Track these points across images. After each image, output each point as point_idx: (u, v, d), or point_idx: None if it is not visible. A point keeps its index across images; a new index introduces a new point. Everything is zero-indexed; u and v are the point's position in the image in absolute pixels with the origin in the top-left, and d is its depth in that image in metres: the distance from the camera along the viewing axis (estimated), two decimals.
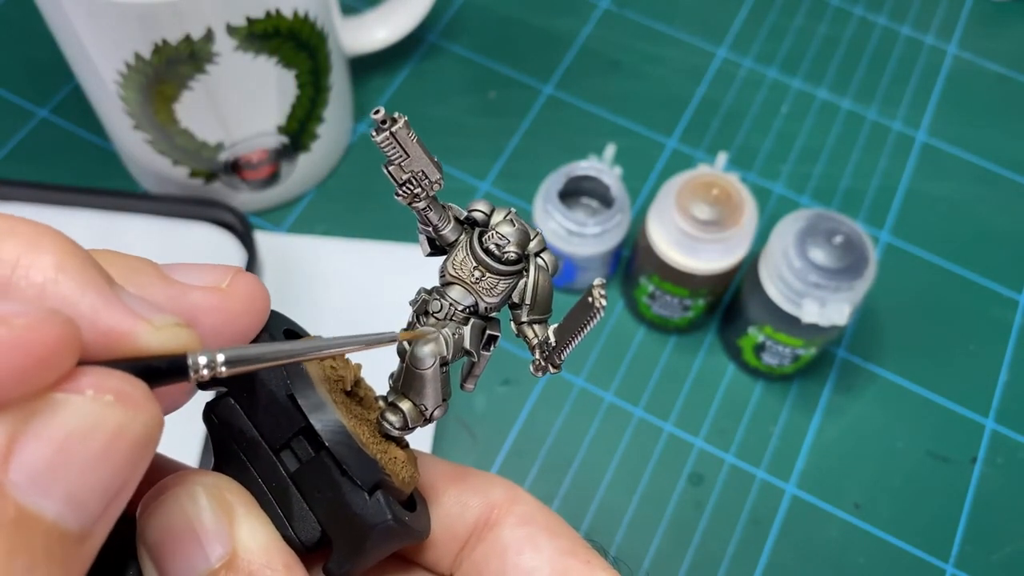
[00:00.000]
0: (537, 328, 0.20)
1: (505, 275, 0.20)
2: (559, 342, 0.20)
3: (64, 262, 0.15)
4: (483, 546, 0.22)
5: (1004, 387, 0.51)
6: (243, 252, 0.49)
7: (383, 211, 0.53)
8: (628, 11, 0.63)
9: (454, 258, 0.20)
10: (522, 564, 0.21)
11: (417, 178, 0.19)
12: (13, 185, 0.49)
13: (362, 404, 0.21)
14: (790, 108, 0.60)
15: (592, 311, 0.18)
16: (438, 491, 0.22)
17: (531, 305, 0.20)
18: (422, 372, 0.20)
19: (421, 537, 0.21)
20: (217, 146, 0.47)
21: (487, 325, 0.21)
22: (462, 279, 0.20)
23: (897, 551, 0.46)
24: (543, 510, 0.22)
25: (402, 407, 0.20)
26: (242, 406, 0.19)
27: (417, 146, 0.19)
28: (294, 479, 0.19)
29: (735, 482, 0.47)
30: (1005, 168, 0.58)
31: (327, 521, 0.19)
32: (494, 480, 0.23)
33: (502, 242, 0.20)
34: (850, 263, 0.43)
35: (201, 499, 0.18)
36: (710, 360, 0.51)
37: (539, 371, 0.20)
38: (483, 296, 0.20)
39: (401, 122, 0.18)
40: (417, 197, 0.19)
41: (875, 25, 0.64)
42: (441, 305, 0.20)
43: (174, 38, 0.40)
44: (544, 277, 0.20)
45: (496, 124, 0.57)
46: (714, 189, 0.45)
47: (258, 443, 0.19)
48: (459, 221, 0.21)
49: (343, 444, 0.19)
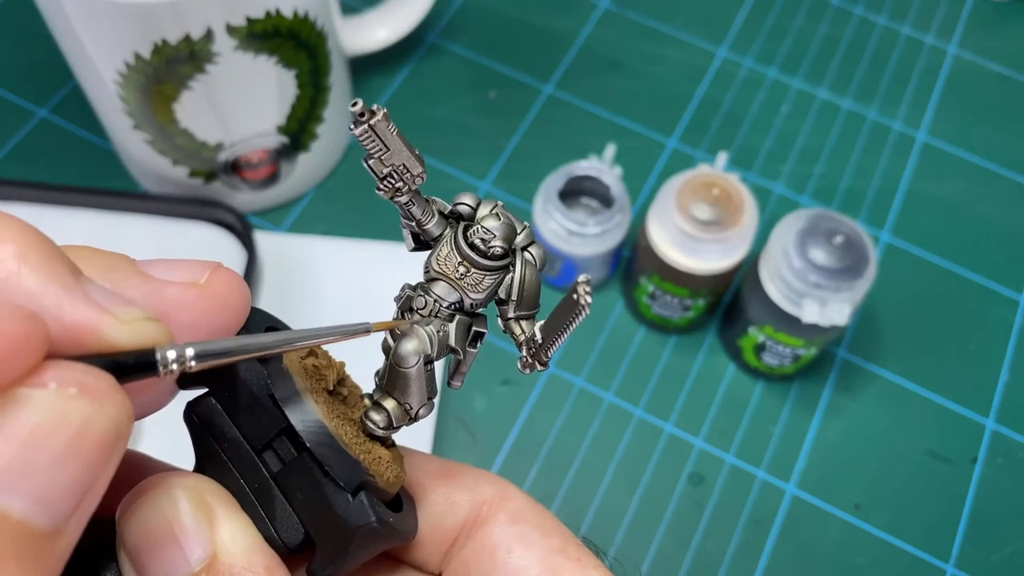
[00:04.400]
0: (524, 324, 0.20)
1: (491, 270, 0.20)
2: (545, 339, 0.19)
3: (27, 253, 0.14)
4: (472, 544, 0.22)
5: (1004, 387, 0.51)
6: (243, 252, 0.49)
7: (383, 211, 0.53)
8: (628, 11, 0.63)
9: (438, 253, 0.20)
10: (512, 562, 0.21)
11: (398, 172, 0.19)
12: (13, 185, 0.49)
13: (346, 403, 0.20)
14: (790, 108, 0.60)
15: (577, 308, 0.18)
16: (426, 489, 0.22)
17: (518, 301, 0.20)
18: (406, 371, 0.20)
19: (407, 538, 0.20)
20: (217, 146, 0.47)
21: (473, 321, 0.21)
22: (447, 275, 0.20)
23: (897, 551, 0.46)
24: (534, 507, 0.22)
25: (386, 406, 0.20)
26: (223, 405, 0.19)
27: (397, 139, 0.18)
28: (276, 480, 0.19)
29: (735, 482, 0.47)
30: (1005, 168, 0.58)
31: (310, 523, 0.19)
32: (483, 476, 0.22)
33: (487, 236, 0.19)
34: (850, 263, 0.43)
35: (181, 501, 0.17)
36: (710, 360, 0.51)
37: (526, 368, 0.20)
38: (468, 292, 0.20)
39: (380, 115, 0.18)
40: (399, 191, 0.19)
41: (875, 25, 0.64)
42: (425, 302, 0.20)
43: (174, 38, 0.40)
44: (531, 272, 0.20)
45: (496, 124, 0.57)
46: (714, 189, 0.45)
47: (240, 443, 0.19)
48: (444, 215, 0.20)
49: (324, 445, 0.18)
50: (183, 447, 0.20)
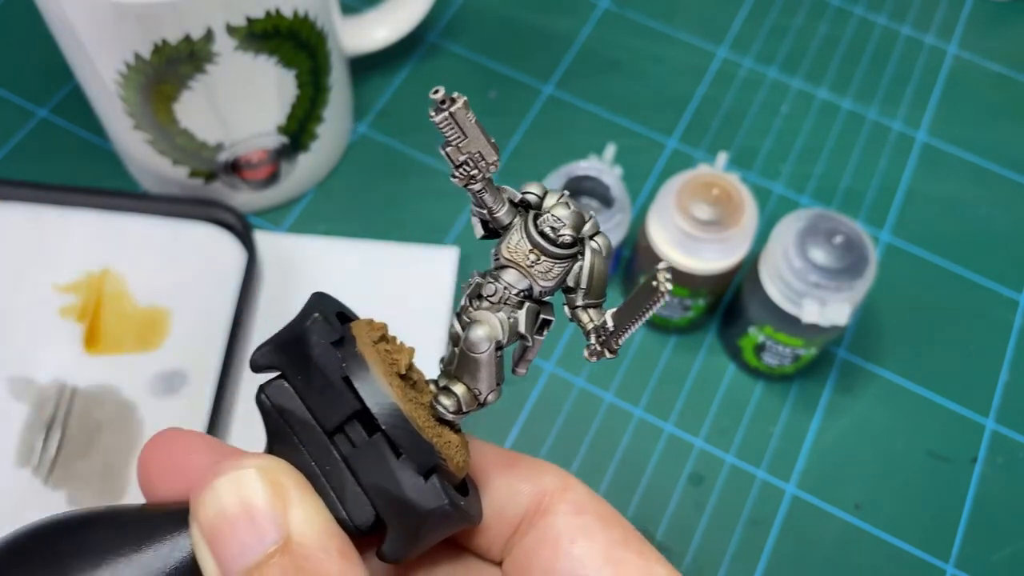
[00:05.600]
0: (592, 312, 0.20)
1: (560, 258, 0.20)
2: (618, 326, 0.19)
3: None
4: (534, 533, 0.22)
5: (1004, 387, 0.51)
6: (243, 252, 0.49)
7: (383, 211, 0.53)
8: (628, 11, 0.63)
9: (508, 241, 0.20)
10: (575, 553, 0.21)
11: (474, 159, 0.19)
12: (13, 185, 0.50)
13: (415, 388, 0.21)
14: (790, 108, 0.60)
15: (656, 294, 0.18)
16: (489, 476, 0.22)
17: (587, 289, 0.20)
18: (478, 356, 0.20)
19: (475, 522, 0.21)
20: (217, 146, 0.47)
21: (541, 309, 0.21)
22: (517, 262, 0.20)
23: (897, 551, 0.46)
24: (595, 499, 0.22)
25: (456, 391, 0.20)
26: (295, 388, 0.19)
27: (476, 127, 0.18)
28: (348, 462, 0.19)
29: (735, 482, 0.47)
30: (1005, 168, 0.58)
31: (382, 505, 0.19)
32: (545, 467, 0.23)
33: (557, 224, 0.20)
34: (850, 263, 0.43)
35: (256, 482, 0.18)
36: (710, 360, 0.51)
37: (594, 356, 0.20)
38: (538, 280, 0.20)
39: (460, 102, 0.18)
40: (473, 179, 0.19)
41: (875, 25, 0.64)
42: (495, 289, 0.20)
43: (174, 38, 0.40)
44: (600, 261, 0.20)
45: (496, 124, 0.57)
46: (714, 189, 0.45)
47: (311, 426, 0.19)
48: (513, 203, 0.20)
49: (399, 427, 0.19)
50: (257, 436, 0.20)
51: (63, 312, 0.47)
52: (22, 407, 0.45)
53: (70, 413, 0.45)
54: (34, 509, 0.42)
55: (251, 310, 0.48)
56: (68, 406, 0.45)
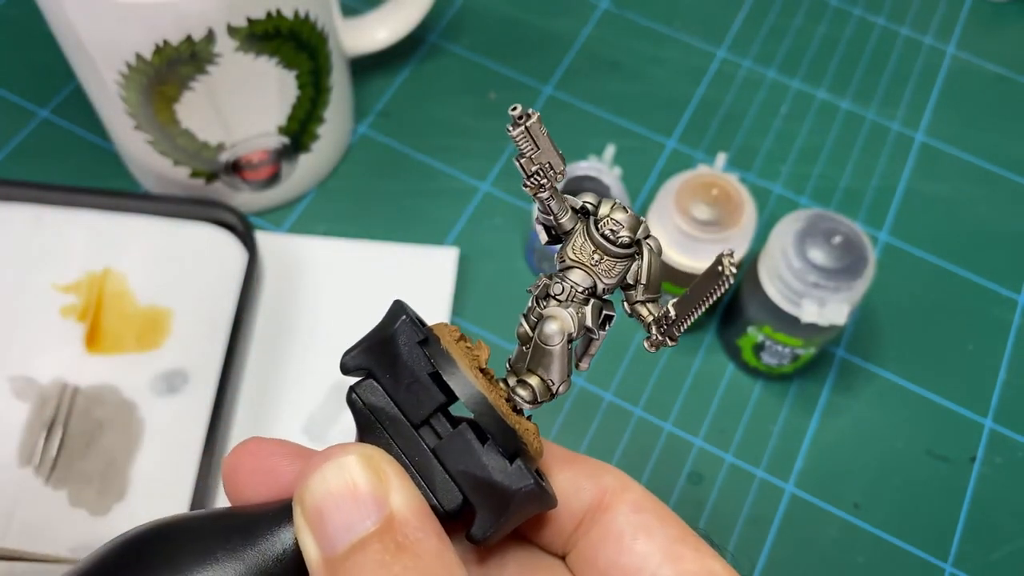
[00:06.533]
0: (651, 307, 0.22)
1: (621, 257, 0.22)
2: (680, 314, 0.21)
3: None
4: (597, 529, 0.23)
5: (1003, 387, 0.51)
6: (244, 252, 0.49)
7: (383, 211, 0.54)
8: (628, 12, 0.63)
9: (573, 243, 0.22)
10: (636, 549, 0.22)
11: (544, 170, 0.20)
12: (13, 185, 0.50)
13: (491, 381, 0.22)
14: (789, 108, 0.60)
15: (721, 279, 0.20)
16: (552, 471, 0.24)
17: (646, 285, 0.22)
18: (551, 348, 0.21)
19: (553, 504, 0.22)
20: (218, 146, 0.47)
21: (604, 305, 0.22)
22: (582, 263, 0.22)
23: (897, 550, 0.46)
24: (652, 499, 0.23)
25: (531, 382, 0.22)
26: (384, 386, 0.21)
27: (547, 139, 0.20)
28: (435, 452, 0.21)
29: (735, 482, 0.47)
30: (1004, 168, 0.59)
31: (470, 489, 0.21)
32: (604, 466, 0.24)
33: (617, 227, 0.21)
34: (849, 263, 0.43)
35: (359, 466, 0.19)
36: (710, 360, 0.51)
37: (654, 347, 0.22)
38: (602, 277, 0.22)
39: (535, 117, 0.19)
40: (542, 187, 0.21)
41: (874, 26, 0.64)
42: (563, 288, 0.22)
43: (175, 39, 0.40)
44: (656, 259, 0.22)
45: (496, 124, 0.57)
46: (713, 189, 0.45)
47: (400, 420, 0.21)
48: (574, 210, 0.22)
49: (486, 415, 0.20)
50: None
51: (64, 312, 0.47)
52: (23, 407, 0.45)
53: (71, 413, 0.45)
54: (35, 508, 0.42)
55: (252, 310, 0.48)
56: (69, 406, 0.45)
